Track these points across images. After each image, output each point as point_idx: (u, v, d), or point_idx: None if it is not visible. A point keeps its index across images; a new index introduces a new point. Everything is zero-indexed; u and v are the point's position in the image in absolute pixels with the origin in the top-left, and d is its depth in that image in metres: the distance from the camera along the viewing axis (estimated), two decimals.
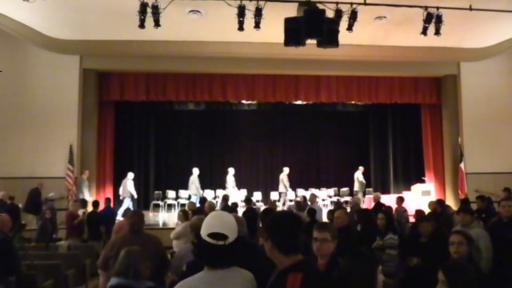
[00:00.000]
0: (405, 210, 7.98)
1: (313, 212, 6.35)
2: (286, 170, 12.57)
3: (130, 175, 11.64)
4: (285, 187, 12.40)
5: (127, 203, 11.20)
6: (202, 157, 14.20)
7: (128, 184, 11.36)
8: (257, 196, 13.06)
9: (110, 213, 8.26)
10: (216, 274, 1.85)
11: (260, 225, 4.21)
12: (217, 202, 11.72)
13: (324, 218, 7.65)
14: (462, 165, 11.44)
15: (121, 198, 11.41)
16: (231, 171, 12.39)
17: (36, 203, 9.47)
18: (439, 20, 7.87)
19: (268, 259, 1.87)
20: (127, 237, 3.47)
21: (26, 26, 9.48)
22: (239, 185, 13.46)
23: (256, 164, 14.15)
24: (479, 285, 2.12)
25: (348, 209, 8.38)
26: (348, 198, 13.14)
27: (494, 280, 3.44)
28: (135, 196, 11.69)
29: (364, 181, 12.59)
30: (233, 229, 1.90)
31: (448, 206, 7.97)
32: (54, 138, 10.60)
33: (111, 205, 8.91)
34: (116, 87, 11.40)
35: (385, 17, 8.99)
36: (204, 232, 1.87)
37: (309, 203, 8.40)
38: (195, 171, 12.04)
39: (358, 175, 12.59)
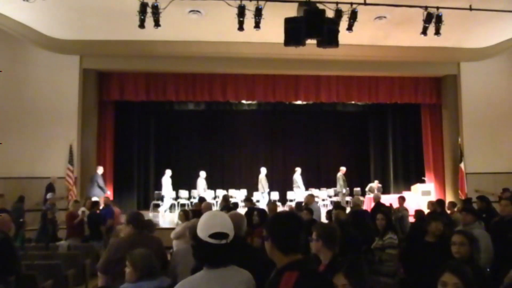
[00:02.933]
0: (405, 209, 8.01)
1: (311, 211, 6.36)
2: (342, 169, 12.59)
3: (202, 173, 12.28)
4: (341, 186, 12.43)
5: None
6: (202, 157, 14.21)
7: (200, 182, 12.11)
8: (257, 196, 13.05)
9: (109, 212, 8.28)
10: (216, 273, 1.86)
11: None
12: (217, 202, 11.74)
13: (324, 218, 7.65)
14: (462, 165, 11.44)
15: (198, 193, 12.24)
16: (263, 170, 12.61)
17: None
18: (439, 20, 7.87)
19: (267, 259, 1.88)
20: (132, 239, 3.39)
21: (26, 26, 9.47)
22: (239, 185, 13.49)
23: (256, 164, 14.13)
24: (480, 286, 2.11)
25: (348, 209, 8.38)
26: (348, 198, 13.14)
27: (495, 280, 3.43)
28: (201, 193, 12.13)
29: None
30: (231, 227, 1.93)
31: (452, 203, 8.01)
32: (54, 138, 10.60)
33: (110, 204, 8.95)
34: (116, 87, 11.40)
35: (385, 17, 8.98)
36: (204, 233, 1.87)
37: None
38: (263, 170, 12.35)
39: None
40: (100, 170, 10.88)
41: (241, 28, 7.66)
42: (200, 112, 14.18)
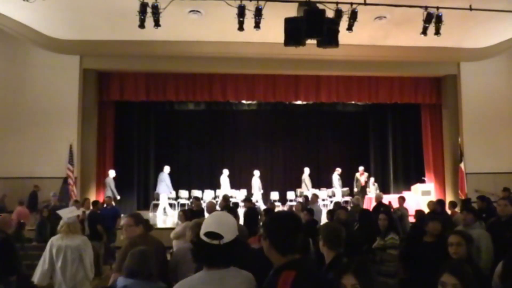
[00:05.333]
0: (405, 209, 8.02)
1: (312, 211, 6.37)
2: (360, 169, 12.71)
3: (257, 172, 12.66)
4: (357, 187, 12.54)
5: (257, 198, 12.33)
6: (202, 157, 14.21)
7: (256, 182, 12.57)
8: (257, 196, 13.04)
9: (112, 212, 8.29)
10: (215, 274, 1.85)
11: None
12: (217, 202, 11.74)
13: (324, 219, 7.65)
14: (462, 165, 11.44)
15: (252, 192, 12.68)
16: (337, 170, 12.92)
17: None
18: (439, 20, 7.87)
19: (266, 260, 1.88)
20: (145, 239, 3.48)
21: (26, 26, 9.47)
22: (239, 185, 13.47)
23: (256, 164, 14.13)
24: (479, 286, 2.11)
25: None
26: (348, 198, 13.15)
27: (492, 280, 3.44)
28: (256, 193, 12.50)
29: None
30: (230, 229, 1.89)
31: (452, 203, 8.01)
32: (54, 138, 10.60)
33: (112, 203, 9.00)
34: (116, 87, 11.40)
35: (385, 17, 8.99)
36: (201, 232, 1.88)
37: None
38: (306, 170, 12.90)
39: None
40: (166, 169, 11.82)
41: (241, 28, 7.66)
42: (200, 112, 14.17)
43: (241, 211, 6.34)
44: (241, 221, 4.40)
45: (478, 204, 6.87)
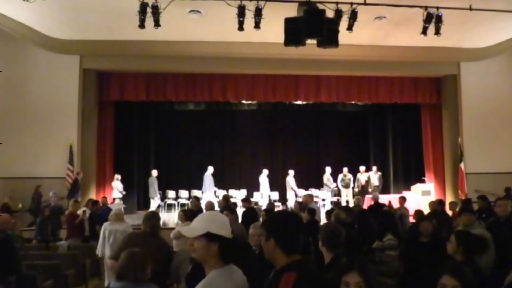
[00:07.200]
0: (405, 209, 8.02)
1: (313, 211, 6.37)
2: (362, 169, 12.77)
3: (291, 172, 12.74)
4: (358, 187, 12.59)
5: (292, 198, 12.39)
6: (202, 157, 14.18)
7: (291, 181, 12.64)
8: (257, 196, 13.04)
9: (108, 212, 8.29)
10: (228, 270, 1.88)
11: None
12: (217, 202, 11.74)
13: (323, 218, 7.65)
14: (462, 165, 11.44)
15: (288, 191, 12.74)
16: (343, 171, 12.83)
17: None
18: (439, 20, 7.88)
19: (262, 259, 1.89)
20: (144, 237, 3.72)
21: (26, 26, 9.47)
22: (239, 185, 13.47)
23: (256, 164, 14.13)
24: (479, 286, 2.11)
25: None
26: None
27: (492, 280, 3.44)
28: (297, 191, 12.56)
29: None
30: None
31: (454, 203, 8.02)
32: (54, 138, 10.60)
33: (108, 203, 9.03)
34: (116, 87, 11.40)
35: (385, 17, 8.99)
36: (227, 231, 1.89)
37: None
38: (328, 169, 12.90)
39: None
40: (210, 169, 12.34)
41: (241, 28, 7.67)
42: (200, 112, 14.16)
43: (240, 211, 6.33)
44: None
45: (479, 204, 6.87)
